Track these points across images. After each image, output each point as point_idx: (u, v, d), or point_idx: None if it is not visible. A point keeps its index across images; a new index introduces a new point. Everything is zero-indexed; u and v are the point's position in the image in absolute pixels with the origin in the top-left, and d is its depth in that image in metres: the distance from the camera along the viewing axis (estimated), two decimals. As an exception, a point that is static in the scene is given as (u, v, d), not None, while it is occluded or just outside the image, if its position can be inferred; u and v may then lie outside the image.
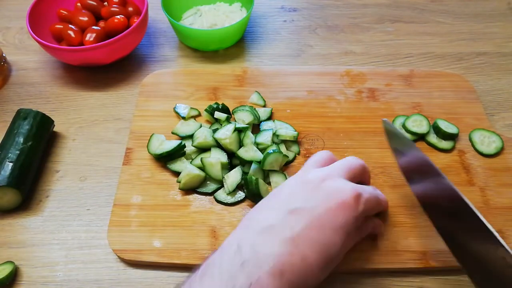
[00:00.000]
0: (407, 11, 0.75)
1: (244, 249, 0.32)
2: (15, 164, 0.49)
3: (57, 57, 0.62)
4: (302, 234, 0.33)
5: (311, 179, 0.38)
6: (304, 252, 0.33)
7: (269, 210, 0.37)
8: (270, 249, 0.32)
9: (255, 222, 0.36)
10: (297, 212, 0.35)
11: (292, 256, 0.32)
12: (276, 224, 0.34)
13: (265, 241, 0.33)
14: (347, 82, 0.61)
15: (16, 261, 0.45)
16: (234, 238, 0.35)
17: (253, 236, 0.34)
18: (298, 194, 0.37)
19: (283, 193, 0.38)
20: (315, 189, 0.36)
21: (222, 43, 0.67)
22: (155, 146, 0.52)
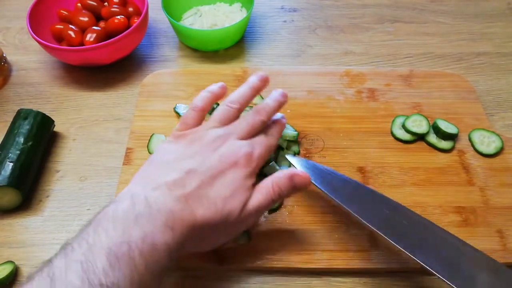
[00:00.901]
0: (407, 11, 0.75)
1: (138, 204, 0.34)
2: (15, 164, 0.49)
3: (58, 57, 0.62)
4: (195, 192, 0.36)
5: (209, 141, 0.39)
6: (196, 210, 0.35)
7: (165, 167, 0.38)
8: (163, 205, 0.34)
9: (152, 178, 0.37)
10: (192, 172, 0.37)
11: (183, 212, 0.34)
12: (171, 181, 0.36)
13: (159, 197, 0.34)
14: (347, 82, 0.61)
15: (16, 261, 0.45)
16: (129, 191, 0.36)
17: (148, 191, 0.35)
18: (195, 155, 0.38)
19: (179, 152, 0.39)
20: (211, 152, 0.39)
21: (222, 43, 0.67)
22: (155, 146, 0.52)
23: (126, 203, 0.34)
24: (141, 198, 0.34)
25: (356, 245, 0.45)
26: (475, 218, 0.47)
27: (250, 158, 0.39)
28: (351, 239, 0.45)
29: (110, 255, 0.29)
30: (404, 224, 0.39)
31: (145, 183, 0.36)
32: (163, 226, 0.33)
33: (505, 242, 0.45)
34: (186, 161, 0.38)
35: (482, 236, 0.46)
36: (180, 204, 0.34)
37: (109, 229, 0.31)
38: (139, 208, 0.33)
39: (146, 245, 0.31)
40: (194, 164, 0.37)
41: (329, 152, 0.53)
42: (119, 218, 0.32)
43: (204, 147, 0.39)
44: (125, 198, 0.34)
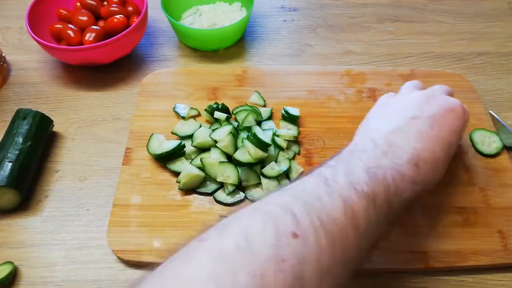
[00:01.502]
0: (407, 11, 0.74)
1: (381, 144, 0.37)
2: (14, 164, 0.48)
3: (57, 56, 0.62)
4: (429, 133, 0.38)
5: (420, 96, 0.43)
6: (433, 148, 0.38)
7: (389, 118, 0.41)
8: (405, 144, 0.37)
9: (379, 127, 0.40)
10: (417, 118, 0.40)
11: (425, 151, 0.37)
12: (403, 126, 0.39)
13: (398, 138, 0.38)
14: (347, 82, 0.61)
15: (15, 262, 0.45)
16: (366, 137, 0.39)
17: (385, 135, 0.38)
18: (412, 106, 0.41)
19: (396, 106, 0.43)
20: (426, 102, 0.41)
21: (222, 43, 0.66)
22: (154, 146, 0.52)
23: (370, 145, 0.37)
24: (382, 139, 0.38)
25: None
26: (475, 218, 0.47)
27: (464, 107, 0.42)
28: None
29: (369, 172, 0.34)
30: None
31: (378, 129, 0.40)
32: (409, 162, 0.36)
33: (505, 242, 0.45)
34: (408, 111, 0.41)
35: (482, 237, 0.46)
36: (419, 144, 0.37)
37: (362, 158, 0.36)
38: (383, 147, 0.37)
39: (396, 173, 0.35)
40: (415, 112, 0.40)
41: (329, 152, 0.53)
42: (369, 153, 0.37)
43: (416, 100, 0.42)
44: (365, 141, 0.38)
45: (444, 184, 0.50)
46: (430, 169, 0.37)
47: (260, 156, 0.49)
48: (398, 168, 0.36)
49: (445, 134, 0.39)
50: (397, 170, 0.35)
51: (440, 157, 0.38)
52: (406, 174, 0.36)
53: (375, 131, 0.40)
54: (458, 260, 0.44)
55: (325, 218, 0.30)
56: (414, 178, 0.36)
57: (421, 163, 0.37)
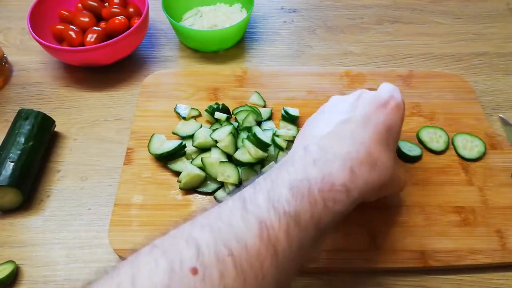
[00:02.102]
0: (406, 12, 0.75)
1: (312, 150, 0.35)
2: (16, 164, 0.49)
3: (58, 57, 0.62)
4: (362, 134, 0.36)
5: (349, 98, 0.41)
6: (369, 149, 0.35)
7: (322, 123, 0.39)
8: (337, 149, 0.35)
9: (313, 133, 0.38)
10: (348, 120, 0.37)
11: (359, 153, 0.35)
12: (334, 130, 0.37)
13: (330, 143, 0.35)
14: (347, 82, 0.61)
15: (17, 261, 0.45)
16: (299, 145, 0.37)
17: (318, 140, 0.36)
18: (342, 108, 0.39)
19: (331, 111, 0.40)
20: (354, 102, 0.39)
21: (222, 44, 0.67)
22: (155, 146, 0.52)
23: (301, 153, 0.35)
24: (314, 146, 0.35)
25: (356, 245, 0.45)
26: (474, 218, 0.47)
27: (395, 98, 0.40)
28: (351, 239, 0.45)
29: (292, 188, 0.31)
30: None
31: (312, 136, 0.37)
32: (340, 170, 0.33)
33: (504, 242, 0.45)
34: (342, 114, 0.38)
35: (481, 236, 0.46)
36: (353, 147, 0.35)
37: (289, 170, 0.33)
38: (314, 155, 0.34)
39: (324, 184, 0.32)
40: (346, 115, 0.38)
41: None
42: (297, 162, 0.34)
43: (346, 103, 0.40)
44: (298, 149, 0.36)
45: (443, 184, 0.50)
46: (368, 172, 0.34)
47: (260, 156, 0.49)
48: (327, 178, 0.32)
49: (381, 132, 0.37)
50: (326, 181, 0.32)
51: (379, 157, 0.35)
52: (336, 184, 0.32)
53: (310, 136, 0.37)
54: (456, 259, 0.44)
55: (235, 247, 0.27)
56: (347, 186, 0.33)
57: (355, 167, 0.34)
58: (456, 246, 0.45)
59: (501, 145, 0.54)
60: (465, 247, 0.45)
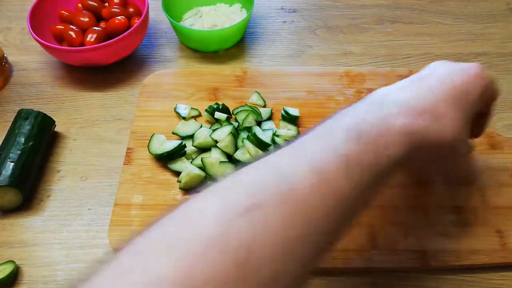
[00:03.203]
0: (406, 12, 0.75)
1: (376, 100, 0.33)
2: (16, 164, 0.49)
3: (58, 57, 0.62)
4: (438, 87, 0.34)
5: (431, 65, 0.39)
6: (437, 100, 0.33)
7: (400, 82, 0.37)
8: (400, 95, 0.33)
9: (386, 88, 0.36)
10: (428, 77, 0.36)
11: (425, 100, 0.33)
12: (407, 84, 0.35)
13: (396, 94, 0.34)
14: (347, 82, 0.61)
15: (17, 261, 0.45)
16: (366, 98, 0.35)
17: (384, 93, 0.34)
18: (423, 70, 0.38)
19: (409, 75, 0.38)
20: (437, 65, 0.38)
21: (222, 44, 0.67)
22: (155, 146, 0.52)
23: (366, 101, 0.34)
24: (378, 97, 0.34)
25: (356, 245, 0.45)
26: (474, 217, 0.47)
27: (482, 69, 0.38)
28: (351, 239, 0.45)
29: (348, 130, 0.30)
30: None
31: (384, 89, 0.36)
32: (397, 113, 0.32)
33: (504, 241, 0.45)
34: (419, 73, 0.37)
35: (481, 236, 0.46)
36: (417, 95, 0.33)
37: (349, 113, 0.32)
38: (377, 101, 0.33)
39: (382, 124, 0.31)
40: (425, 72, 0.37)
41: (329, 152, 0.53)
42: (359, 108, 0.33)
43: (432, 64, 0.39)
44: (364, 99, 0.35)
45: (443, 184, 0.50)
46: (429, 121, 0.32)
47: (260, 156, 0.49)
48: (385, 118, 0.31)
49: (457, 92, 0.34)
50: (384, 121, 0.31)
51: (446, 113, 0.33)
52: (396, 125, 0.31)
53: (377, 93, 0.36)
54: (456, 259, 0.44)
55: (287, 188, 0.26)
56: (406, 127, 0.31)
57: (417, 113, 0.32)
58: (456, 246, 0.45)
59: (501, 145, 0.54)
60: (465, 247, 0.45)
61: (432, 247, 0.45)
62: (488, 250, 0.45)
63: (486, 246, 0.45)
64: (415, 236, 0.46)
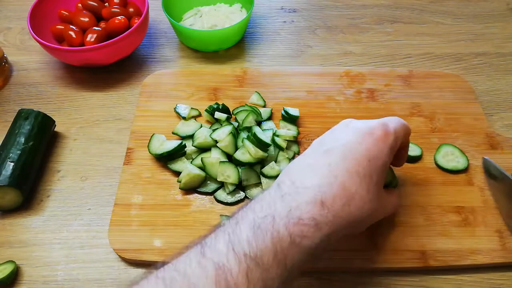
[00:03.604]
0: (406, 12, 0.75)
1: (283, 185, 0.34)
2: (16, 164, 0.49)
3: (58, 57, 0.62)
4: (340, 166, 0.34)
5: (336, 126, 0.40)
6: (343, 182, 0.33)
7: (304, 156, 0.38)
8: (309, 182, 0.33)
9: (293, 167, 0.37)
10: (330, 151, 0.36)
11: (332, 186, 0.33)
12: (313, 163, 0.35)
13: (304, 177, 0.34)
14: (347, 82, 0.61)
15: (17, 261, 0.45)
16: (276, 181, 0.36)
17: (292, 175, 0.35)
18: (327, 138, 0.38)
19: (314, 143, 0.39)
20: (342, 130, 0.38)
21: (222, 44, 0.67)
22: (155, 146, 0.52)
23: (273, 189, 0.35)
24: (287, 182, 0.34)
25: (356, 245, 0.45)
26: (474, 217, 0.47)
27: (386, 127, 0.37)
28: (351, 239, 0.45)
29: (254, 226, 0.31)
30: None
31: (291, 169, 0.36)
32: (309, 203, 0.32)
33: (504, 241, 0.45)
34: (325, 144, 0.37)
35: (481, 236, 0.46)
36: (327, 179, 0.33)
37: (255, 208, 0.33)
38: (285, 189, 0.34)
39: (291, 218, 0.31)
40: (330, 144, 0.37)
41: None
42: (266, 199, 0.34)
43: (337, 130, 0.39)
44: (273, 186, 0.35)
45: (443, 184, 0.50)
46: (341, 206, 0.32)
47: (260, 156, 0.49)
48: (294, 212, 0.31)
49: (360, 164, 0.34)
50: (292, 214, 0.31)
51: (356, 191, 0.33)
52: (304, 217, 0.31)
53: (288, 170, 0.36)
54: (456, 259, 0.44)
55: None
56: (317, 219, 0.31)
57: (328, 202, 0.32)
58: (456, 246, 0.45)
59: (501, 145, 0.54)
60: (465, 247, 0.45)
61: (432, 247, 0.45)
62: (488, 250, 0.45)
63: (486, 246, 0.45)
64: (415, 236, 0.46)
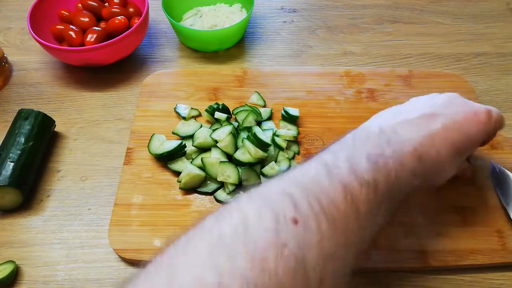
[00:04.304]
0: (406, 12, 0.75)
1: (387, 131, 0.36)
2: (16, 164, 0.49)
3: (58, 57, 0.62)
4: (440, 133, 0.37)
5: (444, 95, 0.41)
6: (439, 149, 0.37)
7: (404, 112, 0.39)
8: (412, 135, 0.36)
9: (391, 117, 0.39)
10: (435, 115, 0.38)
11: (430, 148, 0.36)
12: (415, 119, 0.38)
13: (406, 128, 0.37)
14: (347, 82, 0.61)
15: (17, 261, 0.45)
16: (374, 123, 0.38)
17: (394, 123, 0.37)
18: (436, 101, 0.40)
19: (420, 101, 0.41)
20: (450, 101, 0.40)
21: (222, 44, 0.67)
22: (155, 146, 0.52)
23: (375, 131, 0.37)
24: (389, 128, 0.37)
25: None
26: (474, 217, 0.47)
27: (490, 114, 0.40)
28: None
29: (371, 160, 0.33)
30: None
31: (387, 118, 0.39)
32: (412, 154, 0.35)
33: (504, 241, 0.45)
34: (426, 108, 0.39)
35: (481, 236, 0.46)
36: (427, 140, 0.36)
37: (365, 143, 0.35)
38: (389, 135, 0.36)
39: (397, 162, 0.34)
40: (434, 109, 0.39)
41: (329, 152, 0.53)
42: (372, 139, 0.36)
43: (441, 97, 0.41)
44: (372, 127, 0.37)
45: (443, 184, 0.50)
46: (431, 167, 0.37)
47: (260, 156, 0.49)
48: (400, 158, 0.35)
49: (458, 139, 0.38)
50: (399, 160, 0.35)
51: (445, 161, 0.37)
52: (406, 165, 0.35)
53: (386, 119, 0.39)
54: (456, 259, 0.44)
55: (325, 203, 0.30)
56: (414, 170, 0.35)
57: (423, 158, 0.36)
58: (456, 246, 0.45)
59: (501, 145, 0.54)
60: (465, 247, 0.45)
61: (432, 247, 0.45)
62: (488, 250, 0.45)
63: (486, 246, 0.45)
64: (415, 236, 0.46)
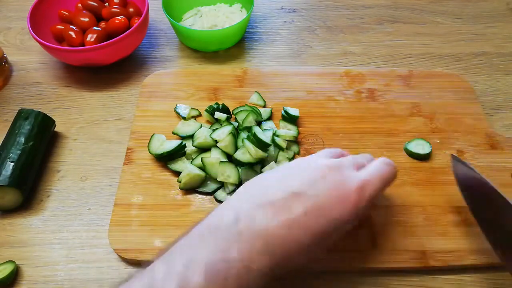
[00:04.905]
0: (406, 12, 0.75)
1: (242, 219, 0.33)
2: (16, 164, 0.49)
3: (58, 57, 0.62)
4: (300, 220, 0.34)
5: (320, 167, 0.37)
6: (298, 238, 0.34)
7: (272, 187, 0.36)
8: (268, 223, 0.33)
9: (256, 195, 0.36)
10: (299, 196, 0.35)
11: (286, 239, 0.33)
12: (277, 202, 0.34)
13: (265, 214, 0.34)
14: (347, 82, 0.61)
15: (17, 261, 0.46)
16: (232, 207, 0.35)
17: (252, 209, 0.34)
18: (304, 178, 0.36)
19: (289, 173, 0.38)
20: (321, 178, 0.36)
21: (222, 44, 0.67)
22: (155, 146, 0.52)
23: (230, 219, 0.34)
24: (247, 214, 0.34)
25: (356, 245, 0.45)
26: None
27: (362, 192, 0.36)
28: (351, 239, 0.45)
29: (207, 273, 0.31)
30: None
31: (249, 199, 0.35)
32: (260, 253, 0.32)
33: (504, 241, 0.46)
34: (292, 182, 0.36)
35: (481, 236, 0.46)
36: (283, 230, 0.33)
37: (213, 237, 0.33)
38: (242, 226, 0.33)
39: (242, 268, 0.31)
40: (301, 187, 0.35)
41: (329, 152, 0.53)
42: (223, 232, 0.33)
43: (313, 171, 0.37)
44: (229, 213, 0.34)
45: (443, 184, 0.50)
46: (288, 259, 0.33)
47: (260, 156, 0.49)
48: (246, 264, 0.31)
49: (321, 225, 0.34)
50: (244, 265, 0.31)
51: (306, 248, 0.34)
52: (254, 269, 0.32)
53: (248, 200, 0.35)
54: (456, 259, 0.44)
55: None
56: (263, 270, 0.32)
57: (278, 251, 0.33)
58: (456, 246, 0.45)
59: (501, 145, 0.54)
60: (465, 247, 0.45)
61: (432, 247, 0.45)
62: (488, 250, 0.45)
63: (486, 246, 0.45)
64: (415, 236, 0.46)
